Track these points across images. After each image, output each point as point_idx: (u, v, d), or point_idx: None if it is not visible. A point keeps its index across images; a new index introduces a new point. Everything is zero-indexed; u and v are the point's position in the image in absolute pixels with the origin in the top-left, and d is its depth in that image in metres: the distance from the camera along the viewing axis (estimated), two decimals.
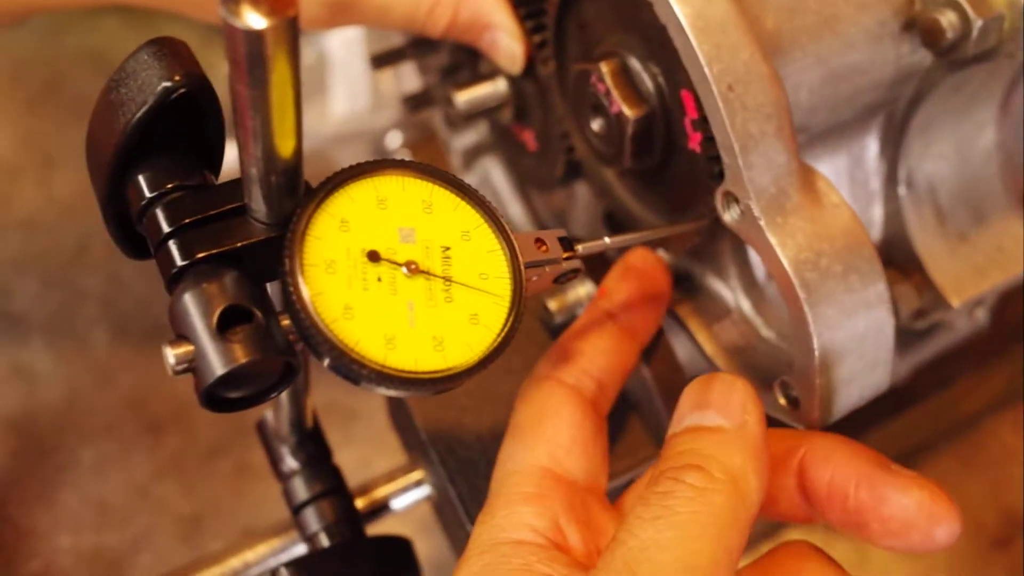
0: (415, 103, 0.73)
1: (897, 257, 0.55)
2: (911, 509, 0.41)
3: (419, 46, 0.70)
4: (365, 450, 0.78)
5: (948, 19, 0.46)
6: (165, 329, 0.98)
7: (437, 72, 0.70)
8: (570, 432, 0.45)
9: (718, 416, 0.40)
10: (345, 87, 1.01)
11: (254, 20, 0.28)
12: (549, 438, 0.45)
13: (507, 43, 0.56)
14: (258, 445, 0.84)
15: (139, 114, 0.34)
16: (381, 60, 0.70)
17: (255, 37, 0.28)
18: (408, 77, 0.89)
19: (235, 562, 0.54)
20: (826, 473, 0.42)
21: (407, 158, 0.66)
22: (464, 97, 0.60)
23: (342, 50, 1.00)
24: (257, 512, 0.82)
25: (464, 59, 0.65)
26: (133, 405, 0.87)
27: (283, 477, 0.55)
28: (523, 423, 0.46)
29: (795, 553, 0.42)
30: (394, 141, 0.99)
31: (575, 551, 0.43)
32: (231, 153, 0.40)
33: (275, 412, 0.53)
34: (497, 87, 0.61)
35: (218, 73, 0.38)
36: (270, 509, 0.81)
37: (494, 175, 0.72)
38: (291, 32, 0.29)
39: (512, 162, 0.69)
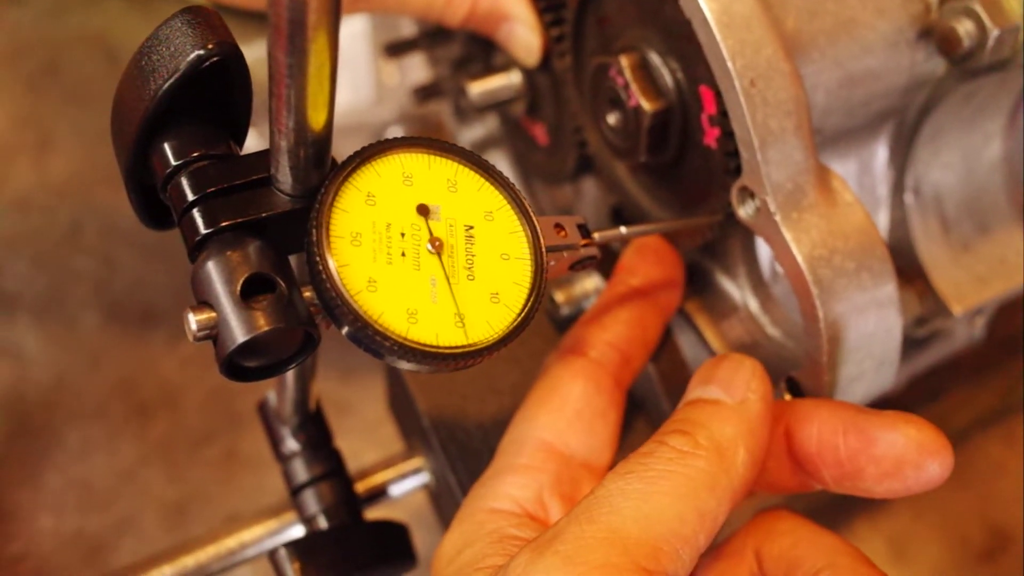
0: (424, 94, 0.73)
1: (901, 264, 0.55)
2: (901, 444, 0.41)
3: (432, 37, 0.70)
4: (357, 442, 0.78)
5: (965, 27, 0.47)
6: (157, 312, 0.97)
7: (448, 63, 0.70)
8: (576, 406, 0.46)
9: (719, 390, 0.41)
10: (349, 78, 1.01)
11: None
12: (554, 411, 0.46)
13: (524, 35, 0.56)
14: (247, 433, 0.84)
15: (170, 81, 0.34)
16: (394, 49, 0.70)
17: (299, 3, 0.28)
18: (414, 70, 0.89)
19: (231, 542, 0.54)
20: (812, 430, 0.43)
21: None
22: (478, 89, 0.60)
23: (348, 42, 1.00)
24: (243, 501, 0.82)
25: (477, 51, 0.65)
26: (122, 388, 0.86)
27: (283, 458, 0.54)
28: (535, 394, 0.47)
29: (771, 516, 0.43)
30: (396, 135, 0.99)
31: (551, 523, 0.43)
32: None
33: (278, 392, 0.53)
34: (511, 79, 0.61)
35: None
36: (257, 498, 0.80)
37: (501, 168, 0.71)
38: (335, 1, 0.29)
39: (521, 156, 0.69)
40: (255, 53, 0.41)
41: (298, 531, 0.55)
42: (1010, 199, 0.59)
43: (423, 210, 0.37)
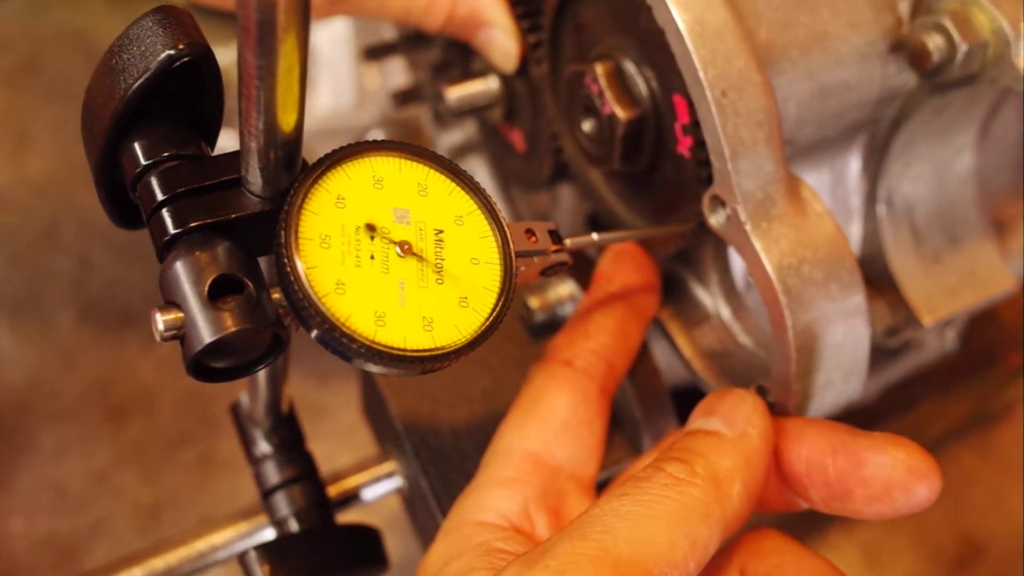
0: (404, 98, 0.73)
1: (872, 274, 0.56)
2: (889, 467, 0.41)
3: (411, 41, 0.70)
4: (331, 446, 0.78)
5: (935, 42, 0.47)
6: (134, 314, 0.96)
7: (428, 68, 0.70)
8: (563, 417, 0.46)
9: (720, 423, 0.42)
10: (330, 82, 1.02)
11: None
12: (541, 422, 0.46)
13: (502, 41, 0.57)
14: (223, 436, 0.84)
15: (140, 80, 0.34)
16: (373, 53, 0.71)
17: (268, 4, 0.28)
18: (394, 74, 0.89)
19: (201, 544, 0.54)
20: (802, 450, 0.43)
21: None
22: (455, 94, 0.61)
23: (329, 46, 1.00)
24: (217, 504, 0.82)
25: (456, 56, 0.66)
26: (97, 390, 0.86)
27: (255, 461, 0.54)
28: (521, 405, 0.47)
29: (757, 535, 0.44)
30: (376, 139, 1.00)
31: (539, 537, 0.43)
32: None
33: (251, 394, 0.53)
34: (489, 85, 0.61)
35: None
36: (231, 501, 0.80)
37: (479, 174, 0.72)
38: (304, 3, 0.29)
39: (498, 162, 0.69)
40: (231, 55, 0.41)
41: (269, 534, 0.54)
42: (980, 211, 0.59)
43: (371, 228, 0.37)
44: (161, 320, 0.33)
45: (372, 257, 0.36)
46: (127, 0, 1.06)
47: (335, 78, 1.01)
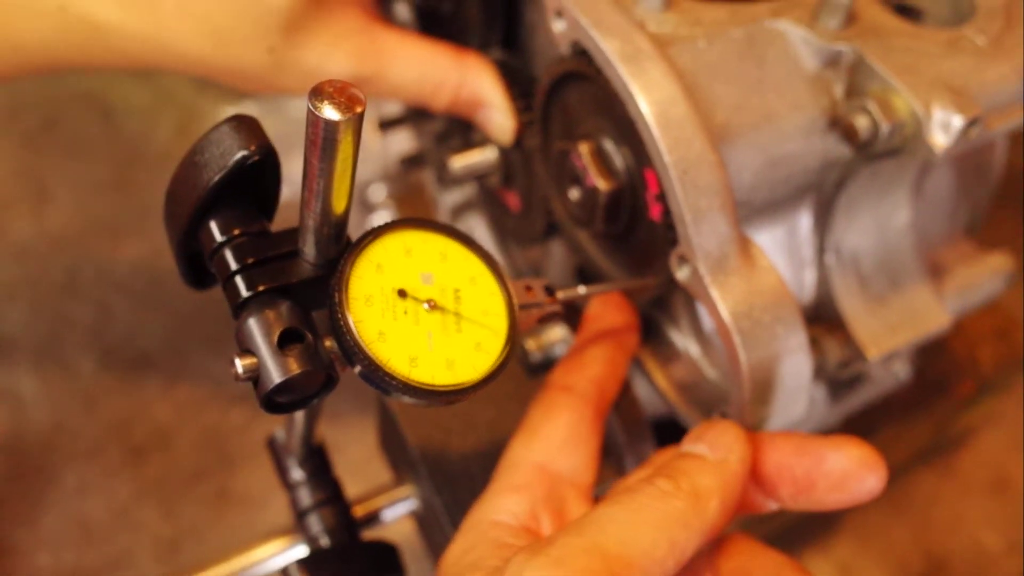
0: (410, 163, 0.81)
1: (825, 315, 0.63)
2: (845, 461, 0.49)
3: (418, 114, 0.78)
4: (345, 477, 0.82)
5: (861, 122, 0.53)
6: (151, 358, 0.97)
7: (431, 136, 0.78)
8: (565, 433, 0.53)
9: (705, 448, 0.49)
10: None
11: (331, 113, 0.37)
12: (545, 438, 0.53)
13: (500, 120, 0.64)
14: (237, 472, 0.87)
15: (219, 176, 0.42)
16: (386, 125, 0.78)
17: (332, 126, 0.37)
18: (397, 138, 0.97)
19: (242, 560, 0.60)
20: (773, 456, 0.51)
21: (392, 210, 0.73)
22: (459, 163, 0.68)
23: None
24: (234, 535, 0.84)
25: (457, 127, 0.73)
26: (117, 431, 0.88)
27: (290, 487, 0.61)
28: (528, 424, 0.54)
29: (729, 539, 0.51)
30: (378, 193, 1.07)
31: (543, 534, 0.51)
32: None
33: (288, 429, 0.60)
34: (487, 155, 0.68)
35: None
36: (247, 532, 0.84)
37: (478, 231, 0.79)
38: (358, 123, 0.38)
39: (496, 220, 0.76)
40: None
41: (301, 550, 0.60)
42: (917, 258, 0.64)
43: (402, 294, 0.44)
44: (240, 365, 0.41)
45: (405, 312, 0.45)
46: None
47: None
